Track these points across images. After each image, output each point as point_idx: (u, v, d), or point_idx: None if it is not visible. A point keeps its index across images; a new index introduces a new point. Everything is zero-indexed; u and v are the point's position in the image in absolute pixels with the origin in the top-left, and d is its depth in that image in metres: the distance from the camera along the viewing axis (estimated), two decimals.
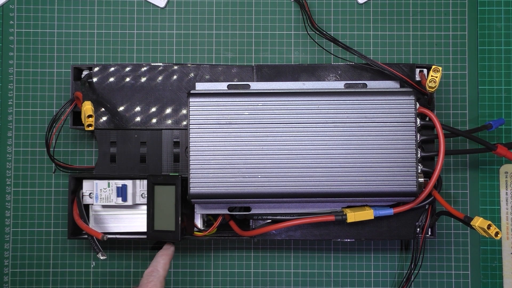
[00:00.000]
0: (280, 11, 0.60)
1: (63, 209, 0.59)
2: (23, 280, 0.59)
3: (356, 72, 0.55)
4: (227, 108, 0.51)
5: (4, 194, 0.59)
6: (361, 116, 0.50)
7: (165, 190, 0.52)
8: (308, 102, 0.51)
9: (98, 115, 0.55)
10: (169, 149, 0.56)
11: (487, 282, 0.59)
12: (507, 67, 0.60)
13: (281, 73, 0.55)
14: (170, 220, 0.51)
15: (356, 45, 0.60)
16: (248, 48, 0.60)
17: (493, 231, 0.49)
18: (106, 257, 0.57)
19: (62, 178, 0.60)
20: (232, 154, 0.50)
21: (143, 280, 0.50)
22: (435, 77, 0.50)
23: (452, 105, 0.60)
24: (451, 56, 0.60)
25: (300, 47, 0.60)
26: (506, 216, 0.59)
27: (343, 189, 0.50)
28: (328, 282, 0.59)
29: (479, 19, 0.60)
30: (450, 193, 0.59)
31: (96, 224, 0.55)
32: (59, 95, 0.60)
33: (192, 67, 0.56)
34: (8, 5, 0.61)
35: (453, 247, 0.59)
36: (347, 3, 0.61)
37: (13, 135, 0.60)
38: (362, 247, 0.59)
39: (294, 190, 0.50)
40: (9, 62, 0.60)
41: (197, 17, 0.61)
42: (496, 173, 0.59)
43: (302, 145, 0.50)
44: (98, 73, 0.56)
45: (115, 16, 0.60)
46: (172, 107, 0.55)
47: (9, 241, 0.59)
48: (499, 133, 0.59)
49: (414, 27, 0.60)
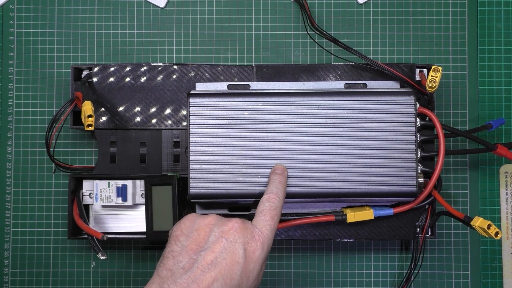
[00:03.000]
0: (280, 11, 0.60)
1: (63, 209, 0.59)
2: (23, 280, 0.59)
3: (356, 72, 0.55)
4: (227, 108, 0.51)
5: (4, 194, 0.59)
6: (361, 116, 0.50)
7: (162, 190, 0.52)
8: (308, 102, 0.51)
9: (98, 115, 0.55)
10: (169, 149, 0.56)
11: (487, 282, 0.59)
12: (507, 67, 0.60)
13: (281, 73, 0.55)
14: (169, 220, 0.51)
15: (356, 45, 0.60)
16: (248, 48, 0.60)
17: (493, 231, 0.49)
18: (106, 257, 0.57)
19: (62, 178, 0.60)
20: (232, 154, 0.50)
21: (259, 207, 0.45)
22: (435, 77, 0.50)
23: (452, 105, 0.60)
24: (451, 56, 0.60)
25: (300, 47, 0.60)
26: (506, 216, 0.59)
27: (343, 189, 0.50)
28: (328, 282, 0.59)
29: (479, 19, 0.60)
30: (450, 193, 0.59)
31: (96, 224, 0.55)
32: (59, 95, 0.60)
33: (192, 67, 0.56)
34: (8, 5, 0.61)
35: (453, 247, 0.59)
36: (347, 3, 0.61)
37: (13, 135, 0.60)
38: (362, 247, 0.59)
39: (294, 190, 0.50)
40: (9, 62, 0.60)
41: (197, 17, 0.61)
42: (496, 173, 0.59)
43: (302, 145, 0.50)
44: (98, 73, 0.56)
45: (115, 16, 0.60)
46: (172, 107, 0.55)
47: (9, 241, 0.59)
48: (499, 133, 0.59)
49: (414, 27, 0.60)
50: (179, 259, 0.41)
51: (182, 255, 0.41)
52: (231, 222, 0.43)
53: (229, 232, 0.42)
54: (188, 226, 0.43)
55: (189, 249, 0.41)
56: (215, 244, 0.41)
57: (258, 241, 0.42)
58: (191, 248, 0.41)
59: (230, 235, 0.42)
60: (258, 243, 0.42)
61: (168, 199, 0.51)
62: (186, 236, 0.42)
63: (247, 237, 0.42)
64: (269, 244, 0.43)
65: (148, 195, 0.52)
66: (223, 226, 0.42)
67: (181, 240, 0.42)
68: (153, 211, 0.52)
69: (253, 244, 0.42)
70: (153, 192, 0.52)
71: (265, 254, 0.43)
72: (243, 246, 0.41)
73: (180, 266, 0.40)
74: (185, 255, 0.41)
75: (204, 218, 0.43)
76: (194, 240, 0.42)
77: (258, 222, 0.44)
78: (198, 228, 0.42)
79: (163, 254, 0.42)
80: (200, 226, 0.43)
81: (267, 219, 0.44)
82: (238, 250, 0.41)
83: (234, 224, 0.42)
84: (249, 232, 0.42)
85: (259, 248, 0.42)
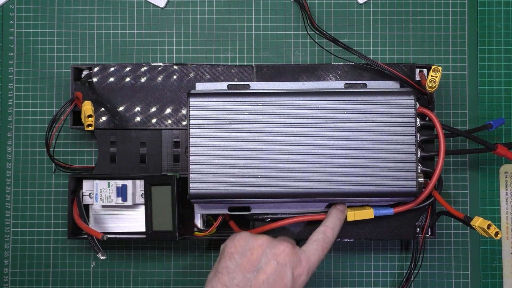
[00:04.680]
0: (280, 11, 0.60)
1: (63, 209, 0.59)
2: (23, 280, 0.59)
3: (356, 72, 0.55)
4: (227, 108, 0.51)
5: (4, 194, 0.59)
6: (361, 116, 0.50)
7: (161, 190, 0.52)
8: (308, 102, 0.51)
9: (98, 115, 0.55)
10: (169, 149, 0.56)
11: (487, 282, 0.59)
12: (507, 67, 0.60)
13: (281, 73, 0.55)
14: (168, 220, 0.51)
15: (356, 45, 0.60)
16: (248, 48, 0.60)
17: (493, 231, 0.49)
18: (106, 257, 0.57)
19: (62, 178, 0.60)
20: (232, 154, 0.50)
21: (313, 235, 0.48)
22: (435, 77, 0.50)
23: (452, 105, 0.60)
24: (451, 56, 0.60)
25: (300, 47, 0.60)
26: (506, 216, 0.59)
27: (343, 189, 0.50)
28: (328, 282, 0.59)
29: (479, 19, 0.60)
30: (450, 193, 0.59)
31: (96, 224, 0.55)
32: (59, 95, 0.60)
33: (192, 67, 0.56)
34: (8, 5, 0.61)
35: (453, 247, 0.59)
36: (347, 3, 0.61)
37: (13, 135, 0.60)
38: (362, 247, 0.59)
39: (294, 190, 0.50)
40: (9, 62, 0.60)
41: (197, 17, 0.61)
42: (496, 173, 0.59)
43: (302, 145, 0.50)
44: (98, 73, 0.56)
45: (115, 16, 0.60)
46: (172, 107, 0.55)
47: (9, 241, 0.59)
48: (499, 133, 0.59)
49: (414, 27, 0.60)
50: (233, 275, 0.44)
51: (236, 272, 0.44)
52: (282, 245, 0.45)
53: (280, 255, 0.44)
54: (242, 244, 0.46)
55: (243, 268, 0.44)
56: (267, 265, 0.44)
57: (305, 267, 0.45)
58: (244, 267, 0.44)
59: (281, 258, 0.44)
60: (305, 269, 0.45)
61: (167, 199, 0.51)
62: (241, 254, 0.45)
63: (295, 262, 0.45)
64: (313, 271, 0.47)
65: (148, 195, 0.52)
66: (275, 249, 0.45)
67: (236, 258, 0.45)
68: (153, 211, 0.52)
69: (299, 269, 0.45)
70: (153, 192, 0.52)
71: (307, 279, 0.46)
72: (291, 271, 0.44)
73: (235, 283, 0.43)
74: (239, 273, 0.44)
75: (258, 239, 0.46)
76: (247, 260, 0.44)
77: (308, 249, 0.47)
78: (251, 248, 0.45)
79: (216, 268, 0.45)
80: (254, 246, 0.45)
81: (318, 249, 0.47)
82: (287, 273, 0.44)
83: (286, 249, 0.45)
84: (297, 258, 0.45)
85: (304, 274, 0.45)
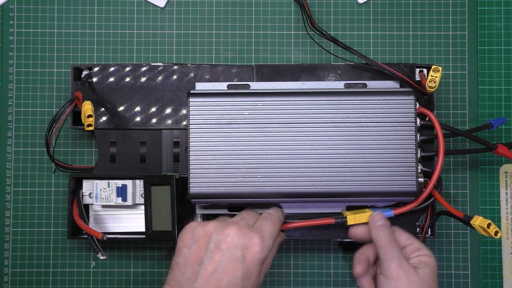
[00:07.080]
0: (280, 11, 0.60)
1: (63, 209, 0.59)
2: (23, 280, 0.59)
3: (356, 72, 0.55)
4: (227, 108, 0.51)
5: (4, 194, 0.59)
6: (361, 116, 0.50)
7: (161, 190, 0.52)
8: (308, 102, 0.51)
9: (98, 115, 0.55)
10: (169, 149, 0.56)
11: (487, 282, 0.59)
12: (507, 67, 0.60)
13: (281, 73, 0.55)
14: (167, 220, 0.51)
15: (356, 45, 0.60)
16: (248, 48, 0.60)
17: (492, 230, 0.49)
18: (106, 257, 0.57)
19: (62, 178, 0.60)
20: (232, 154, 0.50)
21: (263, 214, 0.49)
22: (435, 77, 0.50)
23: (452, 105, 0.60)
24: (451, 56, 0.60)
25: (300, 47, 0.60)
26: (506, 216, 0.59)
27: (343, 189, 0.50)
28: (328, 282, 0.59)
29: (479, 19, 0.60)
30: (450, 193, 0.59)
31: (96, 224, 0.55)
32: (59, 95, 0.60)
33: (192, 67, 0.56)
34: (8, 5, 0.61)
35: (453, 247, 0.59)
36: (347, 3, 0.61)
37: (13, 135, 0.60)
38: None
39: (294, 190, 0.50)
40: (9, 62, 0.60)
41: (197, 17, 0.61)
42: (496, 173, 0.59)
43: (302, 145, 0.50)
44: (98, 73, 0.56)
45: (115, 16, 0.60)
46: (172, 107, 0.55)
47: (9, 241, 0.59)
48: (499, 133, 0.59)
49: (414, 27, 0.60)
50: (183, 270, 0.44)
51: (186, 266, 0.44)
52: (228, 228, 0.44)
53: (226, 239, 0.44)
54: (189, 237, 0.45)
55: (191, 261, 0.44)
56: (214, 253, 0.43)
57: (258, 243, 0.44)
58: (193, 260, 0.44)
59: (228, 242, 0.44)
60: (258, 244, 0.44)
61: (167, 199, 0.51)
62: (188, 247, 0.45)
63: (245, 242, 0.44)
64: (269, 246, 0.45)
65: (147, 195, 0.52)
66: (220, 235, 0.44)
67: (184, 252, 0.45)
68: (152, 211, 0.52)
69: (253, 246, 0.44)
70: (152, 192, 0.52)
71: (264, 255, 0.44)
72: (241, 252, 0.43)
73: (186, 277, 0.43)
74: (189, 266, 0.44)
75: (204, 227, 0.45)
76: (195, 252, 0.44)
77: (257, 224, 0.47)
78: (198, 239, 0.45)
79: (171, 265, 0.45)
80: (200, 236, 0.45)
81: (268, 223, 0.47)
82: (237, 255, 0.43)
83: (231, 231, 0.44)
84: (247, 236, 0.44)
85: (259, 250, 0.44)
